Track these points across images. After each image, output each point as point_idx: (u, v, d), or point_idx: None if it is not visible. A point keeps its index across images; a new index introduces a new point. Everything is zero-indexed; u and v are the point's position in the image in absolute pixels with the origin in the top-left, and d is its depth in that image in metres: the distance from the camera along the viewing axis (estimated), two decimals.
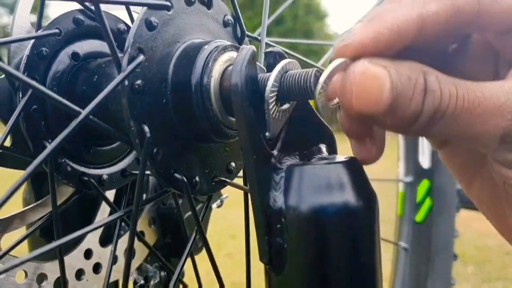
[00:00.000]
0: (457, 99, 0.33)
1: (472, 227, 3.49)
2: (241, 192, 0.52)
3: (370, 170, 0.41)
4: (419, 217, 1.03)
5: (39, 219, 0.49)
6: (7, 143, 0.46)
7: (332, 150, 0.46)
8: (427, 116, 0.33)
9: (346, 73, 0.33)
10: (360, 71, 0.32)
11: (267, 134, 0.40)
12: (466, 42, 0.41)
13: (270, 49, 0.41)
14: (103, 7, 0.38)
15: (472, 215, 1.21)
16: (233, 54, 0.42)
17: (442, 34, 0.35)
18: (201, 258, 0.60)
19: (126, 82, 0.37)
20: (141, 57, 0.38)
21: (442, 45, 0.40)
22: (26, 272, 0.48)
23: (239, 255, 2.82)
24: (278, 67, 0.38)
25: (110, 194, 0.56)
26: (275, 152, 0.40)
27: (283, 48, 0.58)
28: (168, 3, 0.40)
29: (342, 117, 0.37)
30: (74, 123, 0.35)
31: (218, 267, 0.50)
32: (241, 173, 0.50)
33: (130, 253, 0.38)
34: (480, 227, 3.51)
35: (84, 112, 0.35)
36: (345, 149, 0.44)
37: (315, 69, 0.38)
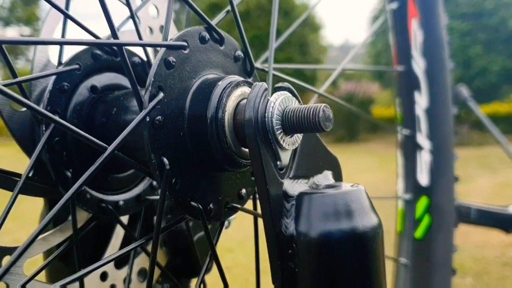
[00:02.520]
0: None
1: (470, 239, 3.51)
2: None
3: (372, 182, 0.43)
4: (418, 233, 1.06)
5: (59, 244, 0.51)
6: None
7: (338, 176, 0.49)
8: None
9: None
10: None
11: (278, 163, 0.42)
12: None
13: (279, 84, 0.44)
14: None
15: (469, 228, 1.24)
16: (245, 89, 0.45)
17: None
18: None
19: (148, 118, 0.40)
20: (161, 95, 0.40)
21: None
22: None
23: (237, 268, 2.83)
24: (277, 103, 0.41)
25: (124, 218, 0.58)
26: (286, 180, 0.43)
27: (287, 77, 0.61)
28: (184, 43, 0.43)
29: None
30: (100, 159, 0.37)
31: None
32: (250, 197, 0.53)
33: (151, 279, 0.40)
34: (478, 239, 3.53)
35: (109, 149, 0.37)
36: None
37: (324, 104, 0.41)
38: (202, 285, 0.60)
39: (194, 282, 0.68)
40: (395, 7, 1.04)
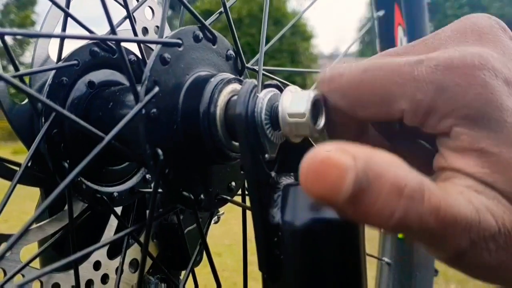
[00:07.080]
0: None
1: None
2: (228, 210, 0.57)
3: None
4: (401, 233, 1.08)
5: (54, 233, 0.53)
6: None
7: None
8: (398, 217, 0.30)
9: (306, 156, 0.30)
10: (319, 159, 0.29)
11: (266, 156, 0.45)
12: None
13: (268, 81, 0.47)
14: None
15: None
16: (236, 86, 0.47)
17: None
18: (199, 272, 0.65)
19: (143, 111, 0.42)
20: (156, 89, 0.43)
21: None
22: (41, 282, 0.52)
23: (225, 272, 2.84)
24: (266, 99, 0.44)
25: (117, 210, 0.60)
26: (273, 173, 0.46)
27: (279, 79, 0.64)
28: (179, 41, 0.45)
29: None
30: (98, 148, 0.39)
31: (206, 286, 0.55)
32: (239, 191, 0.55)
33: (143, 266, 0.42)
34: None
35: (107, 138, 0.40)
36: None
37: None
38: (192, 277, 0.62)
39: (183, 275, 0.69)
40: (382, 14, 1.08)
